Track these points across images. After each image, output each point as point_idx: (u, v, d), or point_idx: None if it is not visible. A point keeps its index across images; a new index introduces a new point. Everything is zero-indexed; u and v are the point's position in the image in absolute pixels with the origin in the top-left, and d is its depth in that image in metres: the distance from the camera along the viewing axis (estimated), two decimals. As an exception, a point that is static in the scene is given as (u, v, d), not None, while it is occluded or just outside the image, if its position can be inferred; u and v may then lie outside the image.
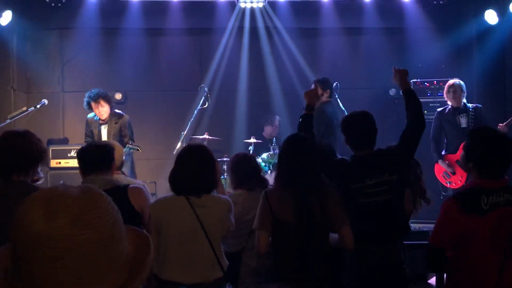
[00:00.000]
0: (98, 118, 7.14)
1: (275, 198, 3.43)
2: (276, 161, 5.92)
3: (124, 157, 4.18)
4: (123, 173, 4.59)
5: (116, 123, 7.09)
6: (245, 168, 4.47)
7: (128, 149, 6.74)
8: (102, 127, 7.12)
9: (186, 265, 3.29)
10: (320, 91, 6.60)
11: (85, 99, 7.07)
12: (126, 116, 7.23)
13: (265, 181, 4.41)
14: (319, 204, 3.39)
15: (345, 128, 3.75)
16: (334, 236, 3.50)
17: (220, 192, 3.77)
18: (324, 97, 6.76)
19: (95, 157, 3.57)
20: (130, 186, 3.56)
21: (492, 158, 2.95)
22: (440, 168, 6.89)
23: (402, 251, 3.75)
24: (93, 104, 7.01)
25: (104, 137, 7.02)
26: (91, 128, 7.18)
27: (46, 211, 1.16)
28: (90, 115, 7.22)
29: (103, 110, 7.04)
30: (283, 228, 3.38)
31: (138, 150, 6.77)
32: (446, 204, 2.96)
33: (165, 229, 3.32)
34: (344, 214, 3.45)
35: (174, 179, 3.43)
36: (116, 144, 4.45)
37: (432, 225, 4.26)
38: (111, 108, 7.16)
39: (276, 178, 3.62)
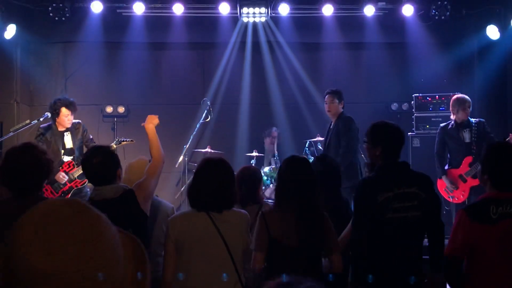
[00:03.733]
0: (54, 128, 6.57)
1: (273, 220, 3.42)
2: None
3: None
4: None
5: (76, 129, 6.65)
6: (240, 184, 4.46)
7: (118, 142, 6.54)
8: (65, 134, 6.62)
9: (210, 283, 3.15)
10: (337, 101, 6.74)
11: (55, 104, 6.52)
12: (81, 124, 6.77)
13: (260, 201, 4.35)
14: (319, 228, 3.42)
15: (383, 137, 3.63)
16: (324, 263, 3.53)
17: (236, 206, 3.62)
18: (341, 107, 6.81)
19: (101, 172, 3.53)
20: (134, 186, 3.58)
21: (504, 170, 3.02)
22: (443, 183, 6.88)
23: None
24: (64, 110, 6.50)
25: (69, 145, 6.62)
26: (46, 136, 6.57)
27: (44, 243, 1.08)
28: (43, 125, 6.66)
29: (70, 119, 6.58)
30: (281, 250, 3.38)
31: (132, 141, 6.69)
32: (458, 215, 3.05)
33: (187, 247, 3.21)
34: (336, 238, 3.49)
35: (194, 194, 3.31)
36: (138, 160, 4.42)
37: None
38: None
39: (275, 199, 3.59)
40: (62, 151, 6.60)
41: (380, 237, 3.42)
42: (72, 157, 6.55)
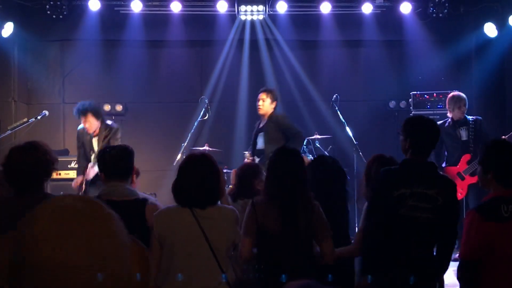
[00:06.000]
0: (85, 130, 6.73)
1: (261, 208, 3.47)
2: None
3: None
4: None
5: (106, 136, 6.65)
6: (242, 181, 4.48)
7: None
8: (94, 139, 6.71)
9: (191, 279, 3.13)
10: (271, 100, 6.76)
11: (75, 109, 6.68)
12: (115, 128, 6.76)
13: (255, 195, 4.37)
14: (304, 217, 3.44)
15: (413, 130, 3.54)
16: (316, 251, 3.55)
17: (224, 202, 3.66)
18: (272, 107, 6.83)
19: (118, 163, 3.54)
20: (149, 203, 3.58)
21: (510, 167, 3.02)
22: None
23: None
24: (81, 117, 6.63)
25: (96, 149, 6.62)
26: (82, 140, 6.78)
27: (58, 236, 1.10)
28: (80, 126, 6.79)
29: (90, 125, 6.60)
30: (268, 238, 3.43)
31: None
32: (469, 217, 3.00)
33: (169, 242, 3.20)
34: (327, 228, 3.48)
35: (177, 190, 3.30)
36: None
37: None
38: (102, 121, 6.73)
39: (263, 188, 3.65)
40: (92, 154, 6.64)
41: (389, 231, 3.38)
42: None
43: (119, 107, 8.91)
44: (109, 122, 6.92)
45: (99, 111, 6.80)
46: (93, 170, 6.47)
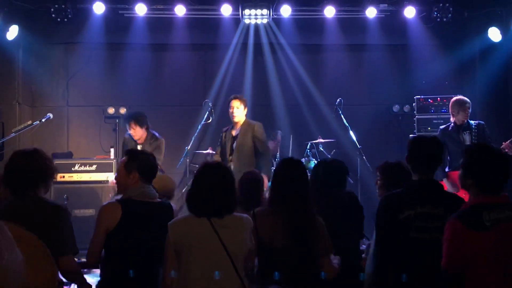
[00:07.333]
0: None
1: (264, 221, 3.42)
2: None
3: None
4: None
5: (150, 145, 6.91)
6: (245, 189, 4.41)
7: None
8: (139, 146, 6.95)
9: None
10: (243, 107, 6.79)
11: (122, 117, 7.00)
12: (160, 140, 7.04)
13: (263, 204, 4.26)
14: (309, 230, 3.41)
15: (411, 148, 3.49)
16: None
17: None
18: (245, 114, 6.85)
19: (152, 167, 3.74)
20: (174, 206, 3.81)
21: (491, 174, 2.93)
22: (444, 186, 6.86)
23: None
24: (126, 124, 6.99)
25: None
26: (128, 147, 6.84)
27: None
28: (126, 134, 7.10)
29: (134, 131, 6.91)
30: (271, 251, 3.38)
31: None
32: (451, 226, 2.89)
33: (186, 252, 3.14)
34: (329, 243, 3.46)
35: (194, 200, 3.23)
36: (168, 178, 4.70)
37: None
38: (148, 130, 7.01)
39: (268, 200, 3.59)
40: None
41: (402, 256, 3.28)
42: None
43: (122, 110, 8.92)
44: (155, 133, 7.12)
45: (143, 119, 6.96)
46: None
